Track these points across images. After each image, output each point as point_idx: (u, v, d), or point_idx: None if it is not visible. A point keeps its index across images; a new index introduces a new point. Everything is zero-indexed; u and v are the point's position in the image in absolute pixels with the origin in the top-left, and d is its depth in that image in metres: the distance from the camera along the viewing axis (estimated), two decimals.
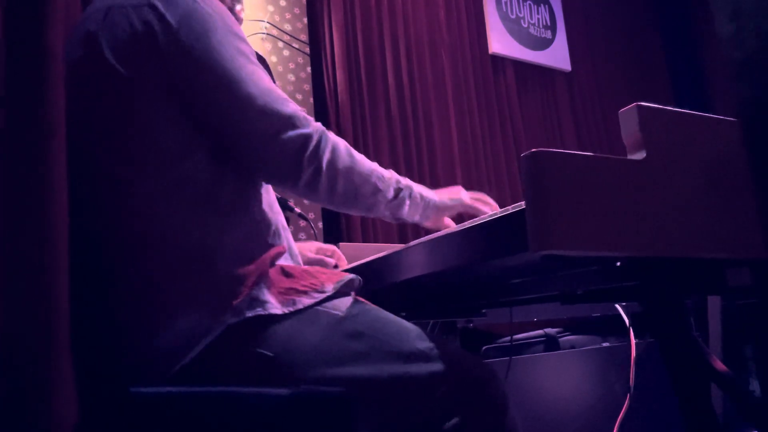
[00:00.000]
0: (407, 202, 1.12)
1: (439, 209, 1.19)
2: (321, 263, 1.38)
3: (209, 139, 0.98)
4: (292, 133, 0.98)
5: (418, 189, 1.16)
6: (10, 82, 0.63)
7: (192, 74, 0.96)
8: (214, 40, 0.97)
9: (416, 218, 1.17)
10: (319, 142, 1.00)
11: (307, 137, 0.99)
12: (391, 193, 1.09)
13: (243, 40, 1.02)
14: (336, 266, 1.39)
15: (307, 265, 1.07)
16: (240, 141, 0.99)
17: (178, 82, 0.96)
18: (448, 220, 1.26)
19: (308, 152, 0.98)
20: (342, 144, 1.04)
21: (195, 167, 0.96)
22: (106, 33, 0.97)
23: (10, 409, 0.60)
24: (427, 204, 1.16)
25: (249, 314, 0.91)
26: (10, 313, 0.62)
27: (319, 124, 1.03)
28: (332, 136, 1.03)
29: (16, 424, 0.61)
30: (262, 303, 0.92)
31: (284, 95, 1.02)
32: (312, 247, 1.42)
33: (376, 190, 1.07)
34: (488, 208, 1.26)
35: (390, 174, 1.11)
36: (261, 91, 0.98)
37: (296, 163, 0.98)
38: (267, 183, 1.06)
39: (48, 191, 0.66)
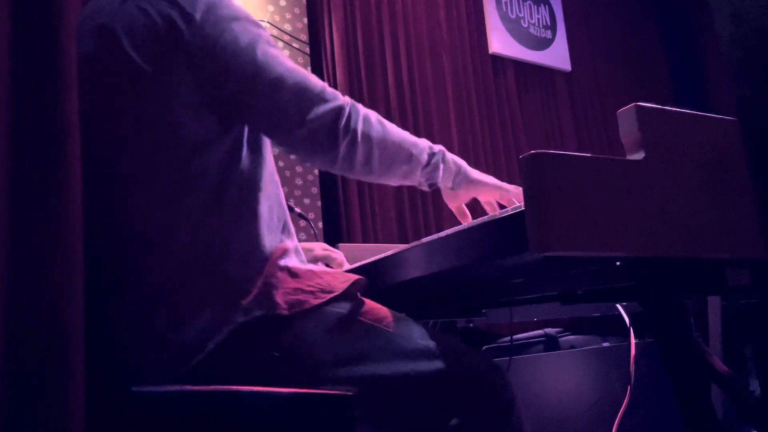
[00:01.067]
0: (441, 166, 1.12)
1: (471, 181, 1.17)
2: (329, 258, 1.39)
3: (232, 133, 0.98)
4: (324, 107, 0.99)
5: (452, 156, 1.16)
6: (24, 81, 0.63)
7: (221, 67, 0.96)
8: (237, 30, 0.97)
9: (449, 184, 1.16)
10: (350, 113, 1.01)
11: (340, 108, 1.00)
12: (425, 158, 1.10)
13: (259, 25, 1.03)
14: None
15: (313, 264, 1.07)
16: (275, 123, 1.00)
17: (204, 77, 0.96)
18: (467, 213, 1.24)
19: (341, 124, 0.99)
20: (372, 114, 1.06)
21: (205, 166, 0.96)
22: (123, 26, 0.95)
23: (21, 407, 0.60)
24: (459, 170, 1.15)
25: (258, 313, 0.91)
26: (24, 310, 0.61)
27: (347, 98, 1.04)
28: (362, 108, 1.05)
29: (27, 422, 0.61)
30: (270, 304, 0.92)
31: (308, 73, 1.03)
32: (319, 246, 1.42)
33: (411, 157, 1.08)
34: (517, 201, 1.24)
35: (423, 141, 1.12)
36: (288, 71, 0.99)
37: (332, 136, 0.99)
38: (305, 161, 1.07)
39: (64, 189, 0.66)
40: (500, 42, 4.03)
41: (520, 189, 1.26)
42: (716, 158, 0.76)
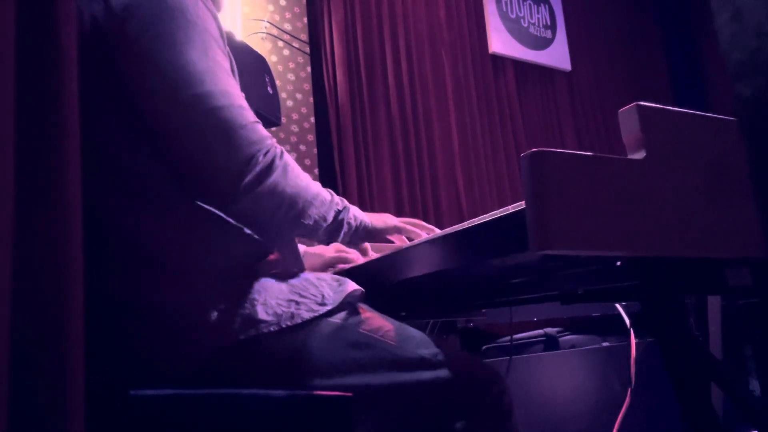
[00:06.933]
0: (344, 228, 1.05)
1: (369, 233, 1.11)
2: (341, 261, 1.33)
3: (159, 148, 0.91)
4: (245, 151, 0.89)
5: (353, 211, 1.07)
6: (23, 83, 0.63)
7: (138, 75, 0.88)
8: (164, 30, 0.87)
9: (347, 240, 1.08)
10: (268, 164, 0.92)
11: (254, 158, 0.90)
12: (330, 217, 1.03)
13: (205, 30, 0.91)
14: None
15: (324, 269, 1.06)
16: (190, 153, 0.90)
17: (126, 87, 0.89)
18: (368, 249, 1.18)
19: (252, 174, 0.90)
20: (290, 168, 0.96)
21: (161, 189, 0.92)
22: None
23: (21, 413, 0.60)
24: (358, 226, 1.08)
25: (242, 337, 0.89)
26: (24, 316, 0.61)
27: (272, 144, 0.94)
28: (284, 160, 0.94)
29: (27, 427, 0.61)
30: (256, 323, 0.90)
31: (241, 100, 0.92)
32: (331, 248, 1.39)
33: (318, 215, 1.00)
34: (425, 231, 1.19)
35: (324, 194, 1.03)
36: (216, 92, 0.88)
37: (236, 182, 0.89)
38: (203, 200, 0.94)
39: (63, 193, 0.65)
40: (500, 42, 4.03)
41: (415, 221, 1.20)
42: (716, 158, 0.75)
